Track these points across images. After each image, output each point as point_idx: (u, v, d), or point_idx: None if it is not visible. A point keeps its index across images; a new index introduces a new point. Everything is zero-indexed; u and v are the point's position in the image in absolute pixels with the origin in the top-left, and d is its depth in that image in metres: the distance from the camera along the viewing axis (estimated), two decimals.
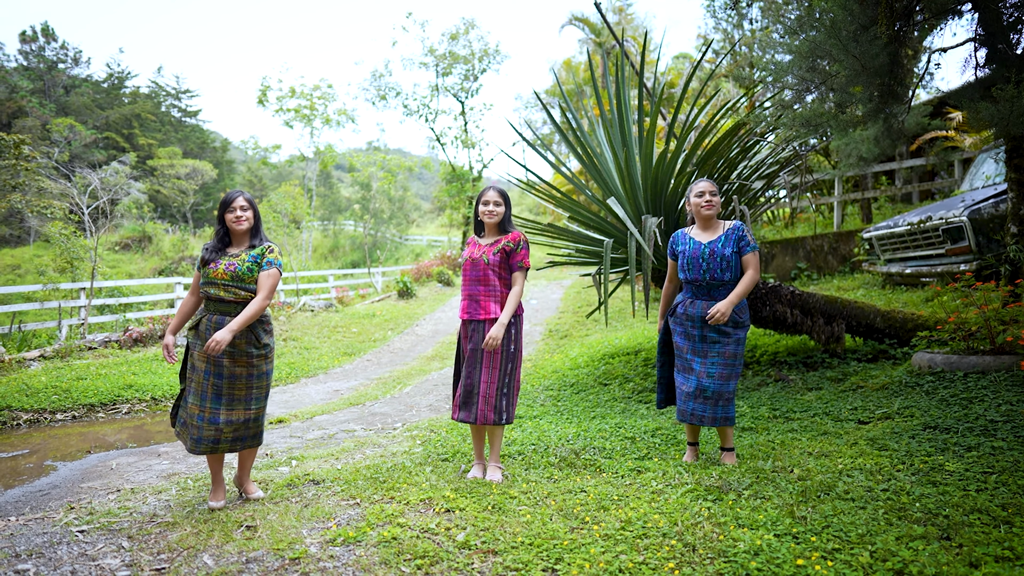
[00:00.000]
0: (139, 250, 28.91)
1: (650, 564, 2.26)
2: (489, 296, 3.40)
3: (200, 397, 3.10)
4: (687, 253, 3.42)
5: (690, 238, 3.47)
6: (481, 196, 3.49)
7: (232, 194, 3.26)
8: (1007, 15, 4.55)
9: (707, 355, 3.36)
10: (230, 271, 3.14)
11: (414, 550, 2.47)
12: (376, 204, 33.41)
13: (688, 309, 3.43)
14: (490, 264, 3.39)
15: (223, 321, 3.12)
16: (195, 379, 3.13)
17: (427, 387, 7.57)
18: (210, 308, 3.17)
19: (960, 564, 2.08)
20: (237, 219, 3.22)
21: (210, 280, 3.14)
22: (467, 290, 3.46)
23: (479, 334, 3.39)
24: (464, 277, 3.50)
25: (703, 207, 3.42)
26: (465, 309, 3.46)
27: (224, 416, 3.10)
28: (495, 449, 3.46)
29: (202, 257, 3.22)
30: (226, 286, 3.13)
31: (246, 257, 3.19)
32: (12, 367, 8.07)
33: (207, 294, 3.16)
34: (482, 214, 3.48)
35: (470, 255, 3.49)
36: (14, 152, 10.12)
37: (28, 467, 4.74)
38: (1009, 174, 5.09)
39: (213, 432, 3.09)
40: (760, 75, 5.99)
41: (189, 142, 43.40)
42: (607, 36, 25.64)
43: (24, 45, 41.51)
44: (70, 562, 2.60)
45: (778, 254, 10.16)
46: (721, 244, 3.35)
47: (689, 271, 3.40)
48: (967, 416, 3.46)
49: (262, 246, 3.26)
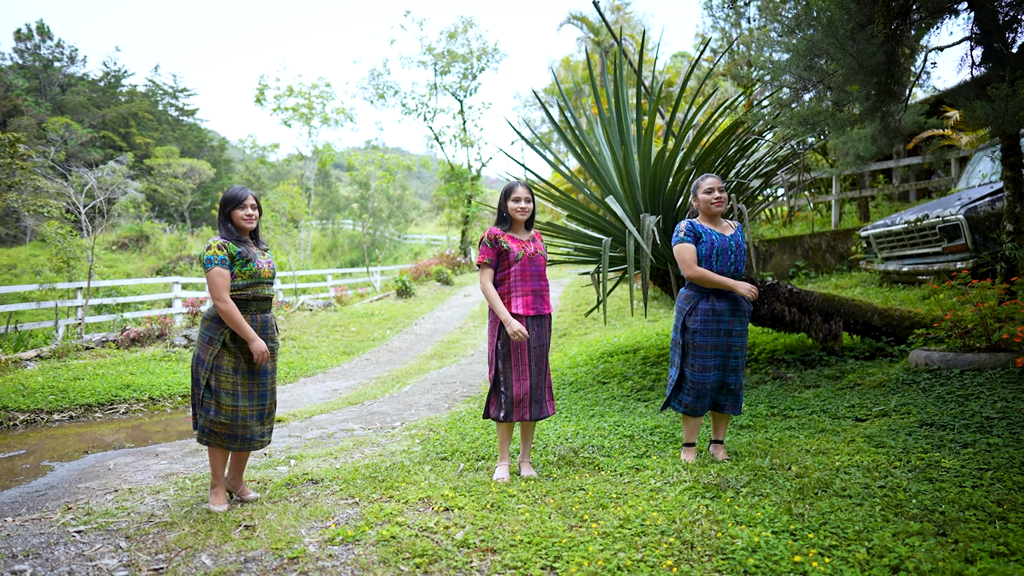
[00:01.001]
0: (136, 249, 28.84)
1: (648, 562, 2.27)
2: (547, 290, 3.53)
3: (250, 398, 3.15)
4: (716, 244, 3.38)
5: (711, 230, 3.44)
6: (510, 193, 3.47)
7: (240, 191, 3.18)
8: (1003, 14, 4.56)
9: (730, 349, 3.42)
10: (272, 269, 3.25)
11: (413, 549, 2.48)
12: (375, 203, 33.38)
13: (715, 305, 3.38)
14: (546, 259, 3.55)
15: (267, 319, 3.22)
16: (241, 382, 3.12)
17: (426, 386, 7.57)
18: (251, 308, 3.15)
19: (956, 560, 2.09)
20: (249, 217, 3.18)
21: (261, 280, 3.16)
22: (530, 285, 3.43)
23: (542, 329, 3.46)
24: (523, 272, 3.41)
25: (713, 203, 3.42)
26: (531, 304, 3.41)
27: (268, 409, 3.23)
28: (530, 444, 3.61)
29: (240, 253, 3.09)
30: (269, 284, 3.23)
31: (268, 255, 3.30)
32: (8, 367, 8.05)
33: (253, 294, 3.14)
34: (513, 211, 3.45)
35: (523, 250, 3.42)
36: (10, 151, 10.08)
37: (25, 467, 4.73)
38: (1005, 172, 5.11)
39: (260, 427, 3.20)
40: (758, 74, 6.00)
41: (186, 141, 43.29)
42: (605, 35, 25.64)
43: (19, 43, 41.36)
44: (67, 562, 2.59)
45: (776, 252, 10.17)
46: (741, 238, 3.49)
47: (718, 262, 3.38)
48: (963, 413, 3.47)
49: (268, 245, 3.37)
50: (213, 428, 3.10)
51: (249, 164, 42.00)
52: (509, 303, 3.40)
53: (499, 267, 3.43)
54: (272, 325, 3.28)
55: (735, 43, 12.44)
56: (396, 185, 34.71)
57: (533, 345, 3.41)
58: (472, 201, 24.70)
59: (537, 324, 3.43)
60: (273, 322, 3.30)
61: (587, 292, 14.07)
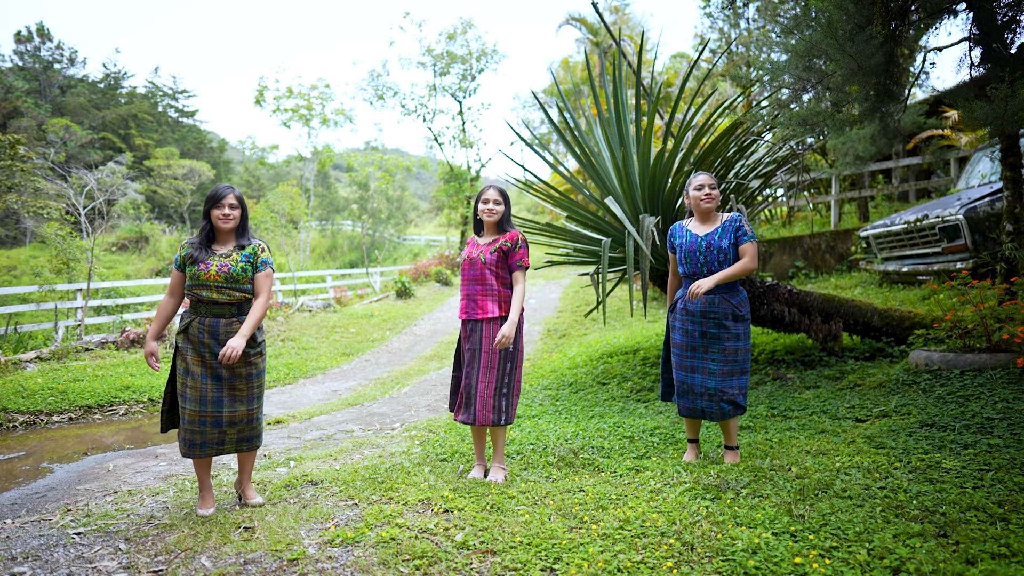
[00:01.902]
0: (136, 251, 28.84)
1: (648, 563, 2.26)
2: (487, 296, 3.39)
3: (200, 402, 3.01)
4: (684, 246, 3.41)
5: (687, 231, 3.45)
6: (481, 195, 3.48)
7: (221, 190, 3.12)
8: (1001, 14, 4.56)
9: (708, 351, 3.35)
10: (223, 272, 3.03)
11: (412, 550, 2.47)
12: (374, 204, 33.37)
13: (688, 305, 3.40)
14: (487, 263, 3.38)
15: (217, 324, 3.04)
16: (191, 384, 3.01)
17: (425, 387, 7.57)
18: (200, 311, 3.05)
19: (957, 561, 2.08)
20: (225, 217, 3.09)
21: (201, 282, 3.02)
22: (465, 290, 3.46)
23: (477, 334, 3.38)
24: (462, 277, 3.49)
25: (702, 200, 3.40)
26: (464, 309, 3.45)
27: (227, 416, 3.04)
28: (498, 450, 3.46)
29: (188, 255, 3.06)
30: (219, 288, 3.03)
31: (238, 257, 3.09)
32: (8, 369, 8.04)
33: (197, 296, 3.03)
34: (481, 212, 3.46)
35: (468, 255, 3.48)
36: (10, 152, 10.08)
37: (24, 469, 4.72)
38: (1004, 172, 5.11)
39: (217, 434, 3.04)
40: (757, 74, 6.00)
41: (186, 142, 43.29)
42: (604, 36, 25.65)
43: (19, 45, 41.37)
44: (67, 564, 2.59)
45: (776, 253, 10.17)
46: (718, 236, 3.33)
47: (687, 264, 3.39)
48: (964, 414, 3.47)
49: (253, 245, 3.16)
50: (182, 435, 3.08)
51: (248, 165, 42.02)
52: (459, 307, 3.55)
53: None
54: (226, 331, 3.04)
55: (734, 44, 12.46)
56: (395, 186, 34.70)
57: (473, 348, 3.40)
58: (471, 202, 24.71)
59: (471, 328, 3.42)
60: (225, 328, 3.05)
61: (587, 293, 14.07)
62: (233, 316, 3.09)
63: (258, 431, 3.19)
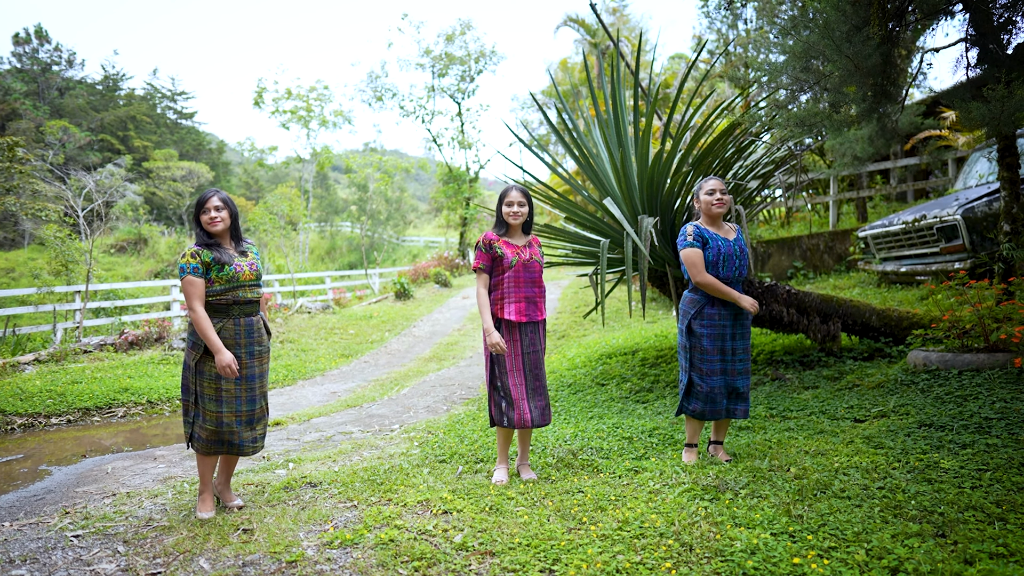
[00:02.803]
0: (135, 253, 28.82)
1: (647, 564, 2.27)
2: (542, 297, 3.48)
3: (236, 402, 3.07)
4: (722, 250, 3.37)
5: (716, 234, 3.42)
6: (504, 197, 3.46)
7: (206, 193, 3.15)
8: (998, 15, 4.57)
9: (736, 352, 3.42)
10: (255, 271, 3.18)
11: (411, 552, 2.47)
12: (373, 205, 33.36)
13: (721, 309, 3.39)
14: (542, 265, 3.50)
15: (251, 322, 3.15)
16: (226, 386, 3.04)
17: (425, 389, 7.57)
18: (234, 312, 3.08)
19: (955, 561, 2.09)
20: (212, 220, 3.10)
21: (239, 283, 3.09)
22: (524, 292, 3.40)
23: (537, 335, 3.44)
24: (517, 279, 3.39)
25: (714, 205, 3.42)
26: (523, 311, 3.39)
27: (257, 414, 3.17)
28: (528, 447, 3.60)
29: (215, 259, 3.05)
30: (252, 286, 3.16)
31: (252, 256, 3.24)
32: (6, 371, 8.03)
33: (232, 298, 3.07)
34: (507, 215, 3.43)
35: (518, 256, 3.40)
36: (8, 155, 10.06)
37: (23, 472, 4.72)
38: (1001, 173, 5.12)
39: (249, 433, 3.14)
40: (755, 75, 6.01)
41: (185, 144, 43.29)
42: (602, 37, 25.67)
43: (17, 47, 41.38)
44: (65, 567, 2.59)
45: (774, 253, 10.18)
46: (744, 243, 3.49)
47: (724, 268, 3.37)
48: (962, 414, 3.47)
49: (253, 245, 3.31)
50: (201, 434, 3.08)
51: (247, 167, 42.04)
52: (502, 308, 3.38)
53: (493, 272, 3.43)
54: (258, 328, 3.18)
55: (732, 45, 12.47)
56: (394, 187, 34.71)
57: (526, 351, 3.40)
58: (470, 203, 24.72)
59: (531, 330, 3.42)
60: (260, 325, 3.20)
61: (585, 294, 14.07)
62: (257, 313, 3.22)
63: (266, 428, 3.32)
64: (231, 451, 3.13)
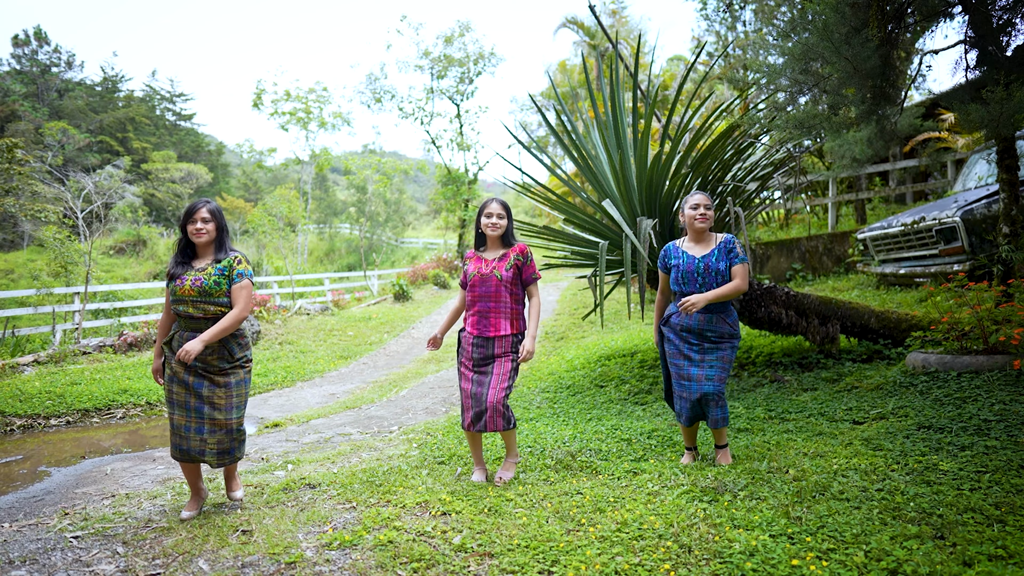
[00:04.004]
0: (134, 254, 28.83)
1: (646, 566, 2.26)
2: (500, 313, 3.40)
3: (185, 408, 3.08)
4: (681, 267, 3.42)
5: (683, 252, 3.47)
6: (483, 209, 3.47)
7: (194, 204, 3.14)
8: (997, 17, 4.58)
9: (704, 359, 3.38)
10: (197, 287, 3.04)
11: (410, 553, 2.47)
12: (372, 207, 33.38)
13: (684, 320, 3.42)
14: (503, 280, 3.38)
15: (193, 338, 3.04)
16: (176, 390, 3.08)
17: (423, 390, 7.56)
18: (182, 325, 3.10)
19: (954, 563, 2.09)
20: (197, 232, 3.10)
21: (178, 297, 3.05)
22: (478, 306, 3.42)
23: (488, 349, 3.40)
24: (472, 292, 3.44)
25: (697, 220, 3.43)
26: (474, 325, 3.43)
27: (208, 425, 3.08)
28: (512, 449, 3.56)
29: (168, 272, 3.14)
30: (194, 302, 3.04)
31: (212, 271, 3.08)
32: (6, 372, 8.02)
33: (176, 311, 3.08)
34: (484, 227, 3.44)
35: (478, 270, 3.43)
36: (7, 156, 10.07)
37: (22, 473, 4.71)
38: (1000, 175, 5.13)
39: (199, 442, 3.08)
40: (753, 77, 6.02)
41: (184, 145, 43.31)
42: (601, 39, 25.71)
43: (16, 49, 41.39)
44: (64, 568, 2.58)
45: (773, 255, 10.19)
46: (715, 259, 3.38)
47: (684, 284, 3.41)
48: (961, 416, 3.47)
49: (229, 258, 3.14)
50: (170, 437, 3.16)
51: (246, 168, 42.04)
52: (465, 320, 3.52)
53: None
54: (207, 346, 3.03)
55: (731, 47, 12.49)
56: (393, 189, 34.74)
57: (476, 362, 3.41)
58: (469, 205, 24.72)
59: (481, 344, 3.41)
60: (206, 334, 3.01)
61: (584, 296, 14.07)
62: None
63: (236, 444, 3.17)
64: (182, 457, 3.10)
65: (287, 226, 23.79)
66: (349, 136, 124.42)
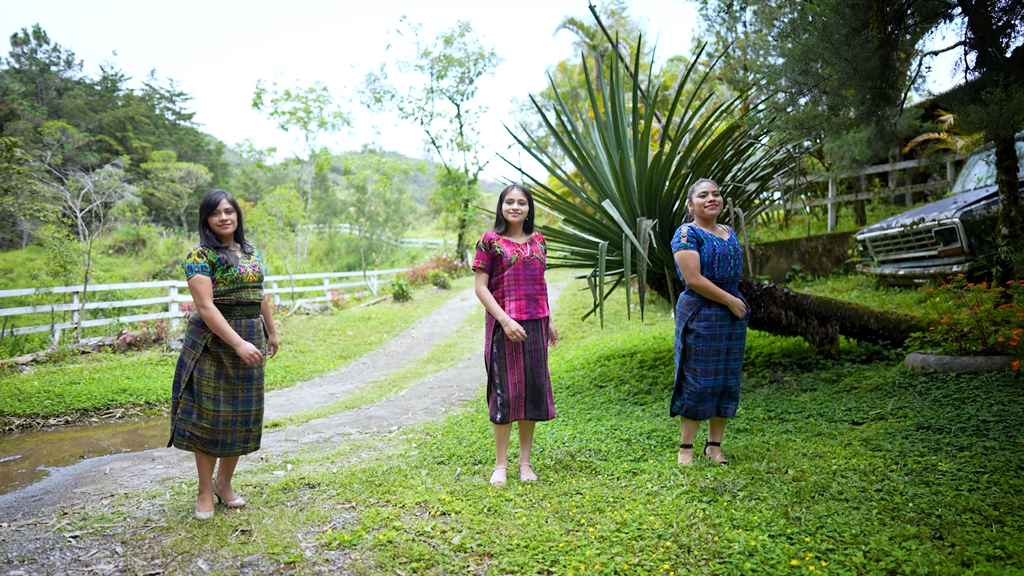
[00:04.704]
0: (133, 253, 28.80)
1: (645, 566, 2.27)
2: (543, 294, 3.51)
3: (233, 403, 3.10)
4: (717, 250, 3.39)
5: (711, 235, 3.44)
6: (504, 195, 3.49)
7: (215, 196, 3.14)
8: (996, 19, 4.59)
9: (731, 352, 3.45)
10: (258, 273, 3.20)
11: (410, 553, 2.47)
12: (372, 207, 33.38)
13: (718, 310, 3.41)
14: (543, 264, 3.51)
15: (252, 323, 3.17)
16: (224, 386, 3.08)
17: (423, 390, 7.56)
18: (235, 313, 3.11)
19: (952, 563, 2.09)
20: (223, 223, 3.12)
21: (243, 284, 3.11)
22: (524, 289, 3.42)
23: (538, 332, 3.44)
24: (517, 276, 3.40)
25: (707, 207, 3.44)
26: (524, 309, 3.40)
27: (254, 415, 3.19)
28: (529, 446, 3.59)
29: (221, 259, 3.07)
30: (254, 288, 3.19)
31: (255, 258, 3.27)
32: (4, 372, 8.01)
33: (236, 299, 3.09)
34: (507, 213, 3.46)
35: (518, 254, 3.41)
36: (6, 155, 10.06)
37: (20, 472, 4.71)
38: (1000, 176, 5.13)
39: (244, 432, 3.16)
40: (753, 78, 6.02)
41: (183, 145, 43.28)
42: (601, 39, 25.71)
43: (15, 48, 41.34)
44: (63, 568, 2.58)
45: (773, 256, 10.20)
46: (736, 243, 3.49)
47: (719, 268, 3.39)
48: (960, 416, 3.48)
49: (255, 249, 3.33)
50: (194, 432, 3.08)
51: (246, 168, 42.02)
52: (503, 306, 3.41)
53: (494, 271, 3.45)
54: (259, 330, 3.22)
55: (731, 47, 12.50)
56: (393, 189, 34.74)
57: (528, 348, 3.40)
58: (469, 205, 24.72)
59: (532, 328, 3.42)
60: (260, 327, 3.24)
61: (584, 296, 14.08)
62: (258, 315, 3.26)
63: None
64: (223, 452, 3.11)
65: (287, 226, 23.77)
66: (349, 136, 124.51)
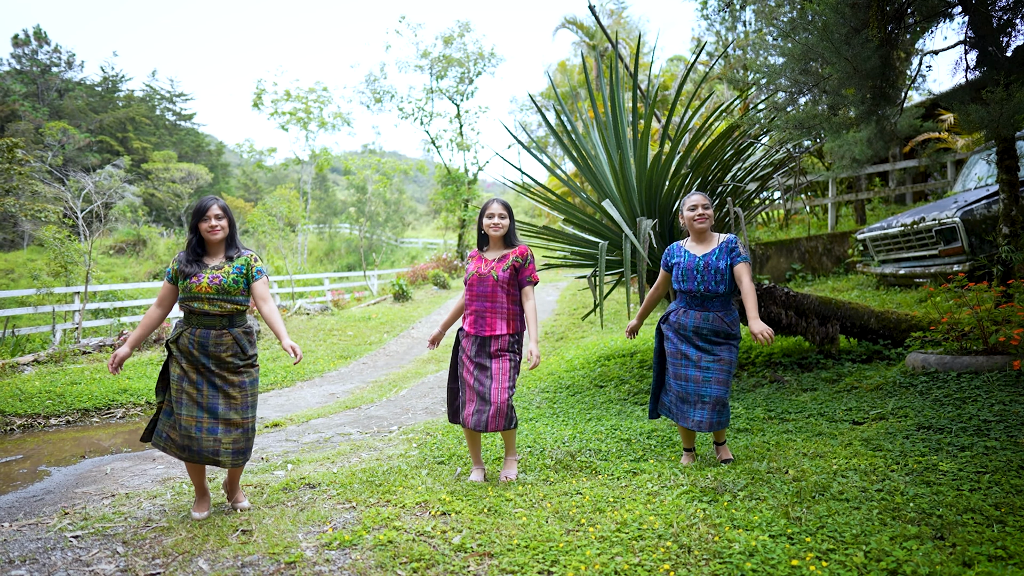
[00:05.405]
0: (134, 254, 28.82)
1: (645, 566, 2.27)
2: (496, 313, 3.41)
3: (197, 408, 3.02)
4: (682, 265, 3.45)
5: (685, 251, 3.50)
6: (485, 209, 3.48)
7: (205, 202, 3.13)
8: (997, 18, 4.58)
9: (701, 361, 3.38)
10: (215, 284, 3.04)
11: (410, 553, 2.47)
12: (372, 207, 33.39)
13: (681, 319, 3.46)
14: (499, 281, 3.39)
15: (207, 335, 3.04)
16: (187, 389, 3.03)
17: (423, 390, 7.56)
18: (192, 322, 3.06)
19: (953, 563, 2.09)
20: (212, 229, 3.09)
21: (193, 295, 3.04)
22: (474, 306, 3.44)
23: (484, 348, 3.41)
24: (470, 292, 3.46)
25: (696, 220, 3.45)
26: (472, 324, 3.45)
27: (223, 425, 3.03)
28: (512, 448, 3.56)
29: (178, 270, 3.09)
30: (211, 300, 3.04)
31: (230, 269, 3.09)
32: (6, 372, 8.02)
33: (189, 308, 3.06)
34: (486, 227, 3.46)
35: (477, 270, 3.45)
36: (8, 156, 10.07)
37: (22, 472, 4.71)
38: (1000, 175, 5.13)
39: (212, 442, 3.01)
40: (753, 77, 6.02)
41: (184, 145, 43.29)
42: (600, 39, 25.71)
43: (16, 48, 41.36)
44: (64, 568, 2.58)
45: (773, 255, 10.19)
46: (715, 257, 3.39)
47: (684, 282, 3.43)
48: (960, 416, 3.48)
49: (245, 256, 3.16)
50: (170, 434, 3.08)
51: (246, 168, 42.03)
52: (463, 320, 3.55)
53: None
54: (216, 343, 3.04)
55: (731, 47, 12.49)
56: (393, 189, 34.74)
57: (474, 361, 3.42)
58: (469, 205, 24.72)
59: (478, 343, 3.42)
60: (223, 339, 3.06)
61: (584, 296, 14.08)
62: (223, 328, 3.08)
63: (250, 444, 3.14)
64: (192, 458, 3.03)
65: (287, 226, 23.78)
66: (349, 136, 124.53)
